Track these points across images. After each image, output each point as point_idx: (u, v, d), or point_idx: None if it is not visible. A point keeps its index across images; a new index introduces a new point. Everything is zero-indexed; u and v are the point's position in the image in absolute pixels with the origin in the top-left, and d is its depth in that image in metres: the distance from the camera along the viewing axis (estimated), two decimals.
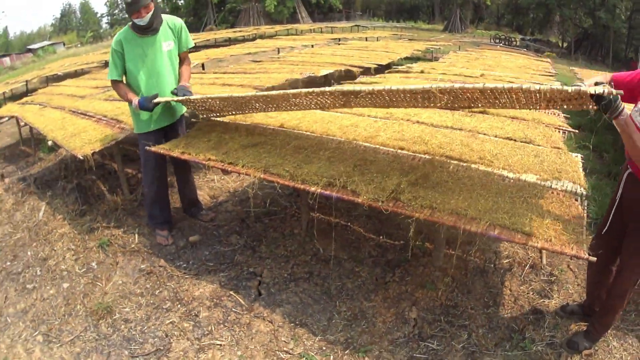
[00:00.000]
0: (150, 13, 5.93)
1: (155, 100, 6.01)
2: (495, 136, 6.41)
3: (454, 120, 7.12)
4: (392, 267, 6.06)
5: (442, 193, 4.55)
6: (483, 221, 4.12)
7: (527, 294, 5.83)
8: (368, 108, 7.36)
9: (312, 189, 4.74)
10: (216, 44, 31.33)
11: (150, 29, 6.05)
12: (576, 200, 4.61)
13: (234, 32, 38.81)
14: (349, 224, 6.91)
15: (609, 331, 5.24)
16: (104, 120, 8.45)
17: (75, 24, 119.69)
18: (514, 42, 48.22)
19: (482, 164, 5.31)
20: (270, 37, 34.62)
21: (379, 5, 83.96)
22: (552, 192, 4.73)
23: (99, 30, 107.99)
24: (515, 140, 6.26)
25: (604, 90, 3.38)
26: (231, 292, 5.60)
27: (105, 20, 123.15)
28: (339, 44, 24.69)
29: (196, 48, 23.26)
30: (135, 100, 6.02)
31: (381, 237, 6.60)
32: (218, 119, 6.98)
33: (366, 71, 14.17)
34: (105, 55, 27.35)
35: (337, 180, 4.79)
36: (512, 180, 4.97)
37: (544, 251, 5.82)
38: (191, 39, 6.67)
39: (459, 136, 6.23)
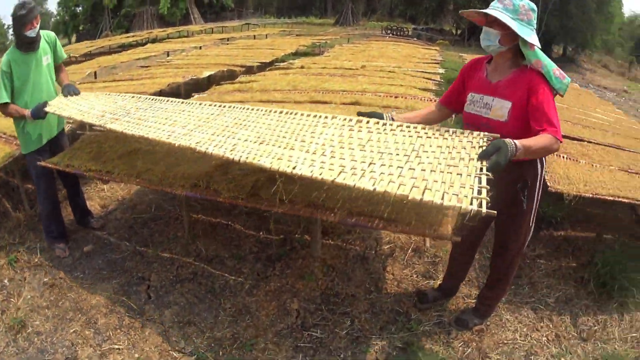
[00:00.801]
0: (39, 24, 6.04)
1: (47, 109, 6.03)
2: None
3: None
4: (272, 261, 6.31)
5: (300, 186, 4.61)
6: (341, 210, 4.33)
7: (411, 277, 6.12)
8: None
9: (179, 191, 4.98)
10: (110, 51, 30.83)
11: (35, 43, 6.12)
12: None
13: (128, 37, 38.15)
14: (229, 223, 7.13)
15: (501, 305, 5.61)
16: (3, 138, 8.40)
17: None
18: (406, 32, 48.82)
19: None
20: (162, 40, 34.38)
21: (271, 2, 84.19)
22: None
23: (6, 42, 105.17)
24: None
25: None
26: (123, 298, 5.75)
27: (11, 32, 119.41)
28: (227, 44, 25.07)
29: (90, 56, 23.15)
30: (28, 112, 6.06)
31: (261, 233, 6.85)
32: (97, 129, 7.01)
33: (249, 70, 14.61)
34: None
35: (201, 181, 5.03)
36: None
37: None
38: (63, 51, 6.84)
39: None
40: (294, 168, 3.53)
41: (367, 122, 4.28)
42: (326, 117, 4.47)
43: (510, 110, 4.17)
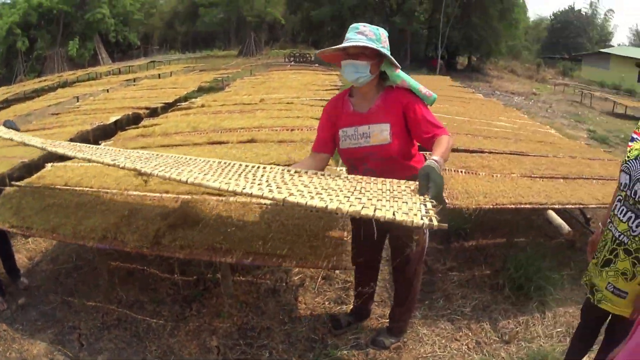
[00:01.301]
0: None
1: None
2: (260, 163, 6.87)
3: (221, 154, 7.71)
4: (188, 302, 6.55)
5: (199, 231, 5.08)
6: (237, 251, 4.70)
7: (323, 304, 6.42)
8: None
9: (90, 243, 5.28)
10: (25, 97, 30.39)
11: None
12: (336, 213, 5.18)
13: (40, 81, 37.46)
14: (145, 267, 7.37)
15: (417, 321, 5.96)
16: None
17: None
18: (309, 58, 49.52)
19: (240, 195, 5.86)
20: (72, 83, 33.78)
21: (175, 38, 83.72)
22: (310, 211, 5.24)
23: None
24: (278, 164, 6.40)
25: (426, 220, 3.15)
26: (59, 347, 5.93)
27: None
28: (134, 85, 25.13)
29: (7, 103, 22.96)
30: None
31: (175, 275, 7.01)
32: (16, 184, 7.30)
33: (153, 112, 14.93)
34: None
35: (109, 232, 5.26)
36: (269, 206, 5.53)
37: None
38: None
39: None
40: (243, 188, 3.70)
41: (305, 171, 4.42)
42: (264, 167, 4.68)
43: (390, 131, 4.48)
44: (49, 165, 8.35)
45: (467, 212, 6.18)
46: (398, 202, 3.48)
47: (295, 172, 4.41)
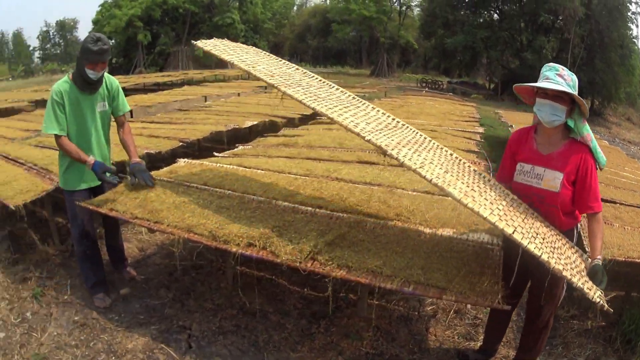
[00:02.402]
0: (104, 70, 5.88)
1: (107, 176, 5.94)
2: (414, 190, 6.66)
3: (373, 176, 7.34)
4: (317, 318, 6.22)
5: (357, 252, 4.72)
6: (397, 278, 4.30)
7: (453, 338, 6.07)
8: (288, 166, 7.69)
9: (234, 249, 4.85)
10: (145, 89, 30.78)
11: (93, 86, 5.90)
12: (492, 250, 4.86)
13: (163, 76, 38.37)
14: (273, 277, 7.05)
15: None
16: (35, 169, 8.43)
17: (7, 55, 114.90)
18: (441, 85, 48.72)
19: (399, 220, 5.52)
20: (198, 82, 34.52)
21: (306, 51, 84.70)
22: (469, 245, 4.97)
23: (31, 64, 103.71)
24: (432, 194, 6.52)
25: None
26: (162, 345, 5.62)
27: (37, 54, 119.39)
28: (266, 92, 24.87)
29: (125, 93, 23.29)
30: (91, 160, 5.86)
31: (305, 289, 6.74)
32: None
33: (290, 122, 14.63)
34: (36, 93, 26.83)
35: (257, 241, 4.91)
36: (428, 236, 5.14)
37: None
38: (127, 103, 6.55)
39: (377, 192, 6.43)
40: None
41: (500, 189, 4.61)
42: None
43: (562, 181, 4.39)
44: (181, 161, 8.14)
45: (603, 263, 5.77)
46: (581, 272, 3.93)
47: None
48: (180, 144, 10.60)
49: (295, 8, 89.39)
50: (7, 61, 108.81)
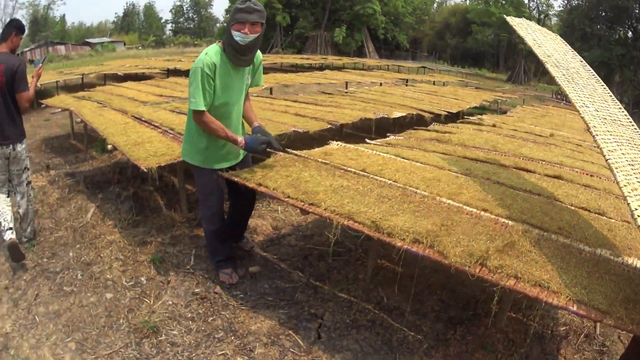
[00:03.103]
0: (256, 36, 5.29)
1: (264, 147, 5.81)
2: (571, 205, 6.30)
3: (532, 185, 7.00)
4: (454, 324, 5.88)
5: (525, 263, 4.44)
6: (563, 295, 4.07)
7: None
8: (447, 162, 7.36)
9: (399, 244, 4.54)
10: (282, 69, 31.22)
11: (246, 57, 5.47)
12: None
13: (302, 58, 38.84)
14: (413, 275, 6.63)
15: None
16: (171, 134, 8.40)
17: (137, 26, 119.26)
18: None
19: (561, 234, 5.16)
20: (338, 68, 34.69)
21: (445, 49, 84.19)
22: (624, 269, 4.65)
23: (162, 36, 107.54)
24: (589, 210, 6.17)
25: None
26: (290, 332, 5.38)
27: (169, 27, 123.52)
28: (407, 85, 24.76)
29: (264, 70, 23.52)
30: (242, 139, 5.67)
31: (444, 292, 6.44)
32: (295, 153, 6.82)
33: (436, 117, 14.18)
34: (168, 62, 27.76)
35: (424, 238, 4.59)
36: (588, 254, 4.86)
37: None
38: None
39: (538, 202, 6.10)
40: None
41: None
42: None
43: None
44: (334, 143, 7.91)
45: None
46: None
47: None
48: (329, 126, 10.40)
49: (435, 5, 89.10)
50: (137, 31, 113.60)
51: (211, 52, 5.42)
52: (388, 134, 10.13)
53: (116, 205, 8.08)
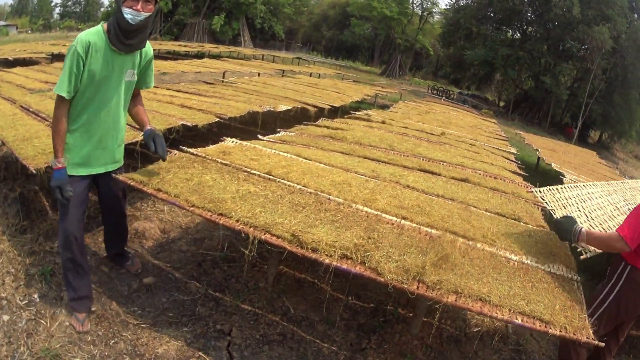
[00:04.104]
0: (148, 15, 4.55)
1: (64, 191, 4.62)
2: (486, 210, 6.39)
3: (444, 189, 6.98)
4: (366, 332, 5.71)
5: (461, 276, 4.37)
6: (506, 308, 4.10)
7: None
8: (351, 163, 7.22)
9: (327, 261, 4.21)
10: (159, 55, 30.81)
11: (134, 42, 4.69)
12: (574, 284, 4.72)
13: (179, 45, 38.31)
14: (315, 281, 6.42)
15: None
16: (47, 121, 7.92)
17: (30, 9, 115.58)
18: (452, 95, 48.75)
19: (485, 242, 5.18)
20: (215, 57, 34.67)
21: (319, 40, 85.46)
22: (554, 276, 4.78)
23: (50, 19, 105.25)
24: (504, 216, 6.27)
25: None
26: (200, 353, 4.89)
27: (57, 10, 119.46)
28: (284, 76, 25.02)
29: None
30: (59, 162, 4.64)
31: (350, 298, 6.21)
32: (190, 152, 6.38)
33: (320, 111, 14.11)
34: (54, 47, 26.89)
35: (353, 253, 4.32)
36: (516, 262, 4.93)
37: None
38: (153, 78, 5.48)
39: (455, 208, 6.13)
40: None
41: None
42: None
43: None
44: (229, 140, 7.50)
45: None
46: None
47: None
48: (217, 119, 9.89)
49: None
50: (29, 14, 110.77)
51: (91, 31, 4.64)
52: (279, 130, 9.85)
53: (3, 208, 7.25)
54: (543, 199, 6.29)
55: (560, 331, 3.90)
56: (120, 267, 6.08)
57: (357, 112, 14.72)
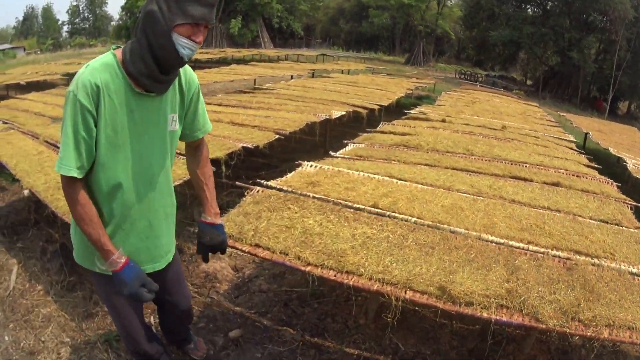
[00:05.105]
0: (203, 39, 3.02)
1: (144, 292, 3.10)
2: (591, 218, 6.03)
3: (545, 198, 6.67)
4: (479, 357, 5.17)
5: (606, 305, 4.06)
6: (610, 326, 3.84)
7: None
8: (447, 179, 6.82)
9: (485, 315, 3.81)
10: None
11: (171, 77, 3.08)
12: None
13: (201, 53, 37.95)
14: (416, 308, 5.66)
15: None
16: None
17: (36, 29, 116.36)
18: (480, 78, 48.40)
19: (607, 258, 4.87)
20: (240, 61, 34.43)
21: (338, 34, 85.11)
22: None
23: (59, 38, 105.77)
24: (607, 222, 5.95)
25: None
26: None
27: (65, 28, 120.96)
28: (320, 77, 24.39)
29: None
30: (119, 258, 3.05)
31: (454, 322, 5.59)
32: (276, 187, 5.72)
33: (371, 112, 13.70)
34: (68, 66, 25.79)
35: (509, 301, 3.94)
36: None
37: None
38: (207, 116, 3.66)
39: (566, 221, 5.76)
40: None
41: None
42: None
43: None
44: (306, 165, 6.86)
45: None
46: None
47: None
48: (277, 136, 9.16)
49: None
50: (36, 35, 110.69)
51: (96, 65, 2.93)
52: (346, 142, 9.26)
53: (42, 263, 6.44)
54: None
55: None
56: (182, 352, 4.71)
57: (411, 111, 14.18)
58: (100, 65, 2.91)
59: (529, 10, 55.25)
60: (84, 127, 2.85)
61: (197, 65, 30.09)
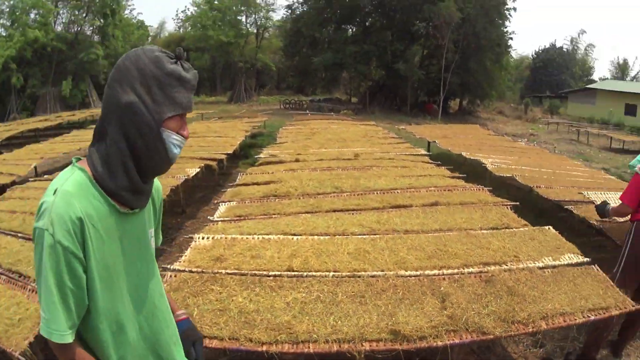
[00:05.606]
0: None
1: None
2: (481, 229, 6.78)
3: (432, 220, 7.22)
4: None
5: (532, 302, 4.81)
6: (578, 312, 4.74)
7: None
8: (335, 224, 7.15)
9: (439, 343, 4.24)
10: (23, 136, 27.96)
11: (148, 190, 2.56)
12: (592, 269, 5.52)
13: (40, 121, 36.81)
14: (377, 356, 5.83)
15: None
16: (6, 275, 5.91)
17: None
18: (305, 105, 49.58)
19: (511, 262, 5.66)
20: (76, 125, 34.27)
21: None
22: (573, 267, 5.59)
23: None
24: (497, 228, 6.80)
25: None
26: None
27: None
28: None
29: (13, 143, 22.57)
30: None
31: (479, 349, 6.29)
32: (187, 269, 5.65)
33: (219, 163, 14.05)
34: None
35: (457, 324, 4.46)
36: (548, 270, 5.47)
37: None
38: None
39: (464, 238, 6.38)
40: None
41: None
42: None
43: None
44: (197, 237, 6.74)
45: None
46: None
47: None
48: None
49: (149, 39, 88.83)
50: None
51: (70, 187, 2.29)
52: (216, 202, 9.31)
53: None
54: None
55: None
56: None
57: (261, 155, 14.28)
58: (73, 188, 2.28)
59: (349, 30, 56.67)
60: (70, 276, 2.26)
61: (36, 133, 28.52)
